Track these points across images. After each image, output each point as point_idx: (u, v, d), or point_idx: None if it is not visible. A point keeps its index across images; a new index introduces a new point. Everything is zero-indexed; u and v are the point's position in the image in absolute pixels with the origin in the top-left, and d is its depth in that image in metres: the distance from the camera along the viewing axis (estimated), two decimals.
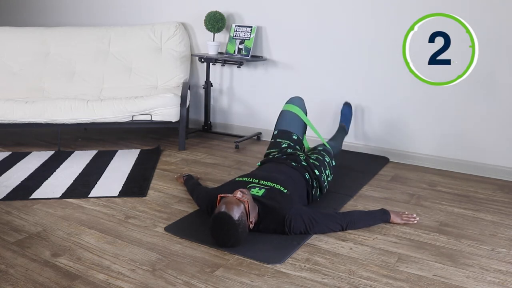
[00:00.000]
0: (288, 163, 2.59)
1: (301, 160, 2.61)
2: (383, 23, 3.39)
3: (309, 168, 2.58)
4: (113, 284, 1.82)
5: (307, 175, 2.53)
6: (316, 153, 2.78)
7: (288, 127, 2.84)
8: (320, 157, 2.73)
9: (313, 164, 2.64)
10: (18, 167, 3.15)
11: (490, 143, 3.18)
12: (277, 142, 2.80)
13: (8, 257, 2.00)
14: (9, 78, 4.05)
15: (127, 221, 2.39)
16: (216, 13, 3.87)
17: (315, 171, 2.59)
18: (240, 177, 2.49)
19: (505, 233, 2.34)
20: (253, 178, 2.41)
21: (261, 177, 2.41)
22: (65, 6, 4.89)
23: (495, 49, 3.05)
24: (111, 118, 3.48)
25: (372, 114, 3.56)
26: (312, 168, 2.59)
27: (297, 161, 2.61)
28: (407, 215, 2.44)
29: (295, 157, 2.64)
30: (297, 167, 2.56)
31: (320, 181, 2.59)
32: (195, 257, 2.04)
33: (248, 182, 2.38)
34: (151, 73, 4.11)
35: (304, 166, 2.58)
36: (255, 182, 2.37)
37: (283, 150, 2.75)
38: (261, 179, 2.38)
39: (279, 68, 3.89)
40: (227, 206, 2.04)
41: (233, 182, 2.46)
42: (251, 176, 2.44)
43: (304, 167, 2.58)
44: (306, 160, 2.65)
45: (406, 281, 1.88)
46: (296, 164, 2.59)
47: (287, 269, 1.95)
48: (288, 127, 2.83)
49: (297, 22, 3.73)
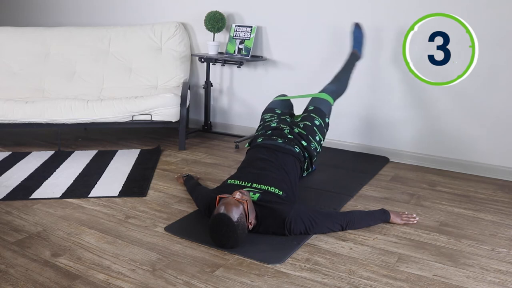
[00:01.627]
0: (274, 145, 2.54)
1: (286, 135, 2.59)
2: (383, 23, 3.38)
3: (297, 141, 2.56)
4: (113, 284, 1.82)
5: (297, 148, 2.52)
6: (305, 118, 2.75)
7: (270, 106, 3.02)
8: (308, 122, 2.70)
9: (300, 134, 2.62)
10: (18, 167, 3.15)
11: (490, 143, 3.18)
12: (262, 118, 2.90)
13: (8, 257, 2.00)
14: (9, 78, 4.05)
15: (127, 221, 2.39)
16: (216, 13, 3.87)
17: (302, 142, 2.57)
18: (231, 179, 2.42)
19: (505, 233, 2.34)
20: (246, 181, 2.34)
21: (253, 179, 2.33)
22: (65, 6, 4.89)
23: (495, 49, 3.05)
24: (111, 118, 3.48)
25: (372, 114, 3.56)
26: (299, 139, 2.58)
27: (282, 136, 2.59)
28: (407, 215, 2.44)
29: (280, 132, 2.62)
30: (284, 147, 2.53)
31: (309, 151, 2.58)
32: (195, 257, 2.04)
33: (241, 186, 2.31)
34: (151, 73, 4.11)
35: (291, 140, 2.56)
36: (248, 186, 2.31)
37: (267, 124, 2.78)
38: (254, 182, 2.31)
39: (279, 68, 3.89)
40: (226, 207, 2.03)
41: (225, 186, 2.39)
42: (243, 179, 2.37)
43: (291, 140, 2.56)
44: (291, 132, 2.62)
45: (406, 281, 1.88)
46: (283, 140, 2.56)
47: (287, 269, 1.95)
48: (270, 106, 3.02)
49: (297, 22, 3.73)
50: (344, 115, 3.62)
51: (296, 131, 2.64)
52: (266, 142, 2.63)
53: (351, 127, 3.63)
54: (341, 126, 3.65)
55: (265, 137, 2.67)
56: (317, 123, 2.71)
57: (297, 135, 2.61)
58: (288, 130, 2.63)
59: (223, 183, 2.46)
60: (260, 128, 2.84)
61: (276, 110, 2.91)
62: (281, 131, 2.63)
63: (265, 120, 2.86)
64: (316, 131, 2.67)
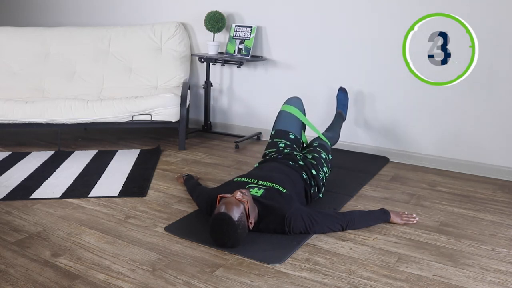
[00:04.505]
0: (285, 163, 2.59)
1: (298, 160, 2.62)
2: (383, 23, 3.38)
3: (306, 168, 2.58)
4: (113, 284, 1.82)
5: (304, 174, 2.54)
6: (312, 151, 2.78)
7: (285, 126, 2.84)
8: (316, 154, 2.73)
9: (310, 163, 2.64)
10: (18, 167, 3.15)
11: (490, 143, 3.18)
12: (274, 142, 2.80)
13: (8, 257, 2.00)
14: (9, 78, 4.05)
15: (127, 221, 2.39)
16: (216, 13, 3.87)
17: (312, 170, 2.59)
18: (238, 177, 2.49)
19: (505, 233, 2.34)
20: (252, 178, 2.40)
21: (260, 177, 2.40)
22: (65, 6, 4.89)
23: (495, 49, 3.05)
24: (111, 118, 3.48)
25: (372, 114, 3.56)
26: (310, 167, 2.60)
27: (294, 160, 2.61)
28: (407, 215, 2.44)
29: (292, 157, 2.64)
30: (294, 166, 2.56)
31: (317, 180, 2.59)
32: (195, 257, 2.04)
33: (246, 182, 2.38)
34: (151, 73, 4.11)
35: (301, 166, 2.58)
36: (254, 183, 2.36)
37: (280, 150, 2.74)
38: (260, 179, 2.37)
39: (279, 68, 3.89)
40: (226, 207, 2.03)
41: (231, 183, 2.45)
42: (250, 176, 2.44)
43: (301, 166, 2.58)
44: (303, 159, 2.65)
45: (406, 281, 1.88)
46: (294, 163, 2.59)
47: (287, 269, 1.95)
48: (285, 127, 2.84)
49: (297, 22, 3.73)
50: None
51: (307, 160, 2.66)
52: (276, 159, 2.67)
53: (351, 127, 3.63)
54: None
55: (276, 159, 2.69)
56: (323, 156, 2.76)
57: (308, 162, 2.63)
58: (300, 156, 2.67)
59: (230, 181, 2.51)
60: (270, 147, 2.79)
61: (290, 135, 2.80)
62: (293, 156, 2.66)
63: (277, 143, 2.78)
64: (324, 163, 2.72)
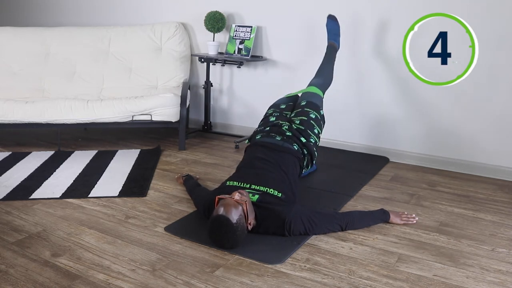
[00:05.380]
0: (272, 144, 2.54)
1: (284, 132, 2.60)
2: (383, 23, 3.38)
3: (295, 138, 2.57)
4: (113, 284, 1.82)
5: (295, 146, 2.52)
6: (300, 113, 2.76)
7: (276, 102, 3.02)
8: (304, 117, 2.71)
9: (298, 130, 2.63)
10: (18, 167, 3.15)
11: (490, 143, 3.18)
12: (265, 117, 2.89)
13: (8, 257, 2.00)
14: (9, 78, 4.05)
15: (127, 221, 2.39)
16: (216, 13, 3.87)
17: (302, 138, 2.57)
18: (230, 180, 2.40)
19: (505, 233, 2.34)
20: (244, 183, 2.32)
21: (252, 180, 2.31)
22: (65, 6, 4.89)
23: (495, 49, 3.05)
24: (111, 118, 3.48)
25: (372, 114, 3.56)
26: (298, 136, 2.58)
27: (281, 133, 2.60)
28: (406, 215, 2.43)
29: (278, 129, 2.62)
30: (282, 143, 2.54)
31: (309, 147, 2.58)
32: (195, 257, 2.04)
33: (239, 187, 2.29)
34: (151, 73, 4.11)
35: (289, 137, 2.57)
36: (247, 188, 2.29)
37: (267, 118, 2.81)
38: (252, 184, 2.29)
39: (279, 68, 3.89)
40: (225, 209, 2.02)
41: (224, 187, 2.37)
42: (242, 180, 2.35)
43: (290, 137, 2.57)
44: (290, 129, 2.63)
45: (406, 281, 1.88)
46: (281, 137, 2.57)
47: (287, 269, 1.95)
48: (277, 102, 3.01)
49: (297, 22, 3.73)
50: (344, 115, 3.62)
51: (294, 128, 2.65)
52: (264, 140, 2.62)
53: (351, 127, 3.63)
54: (341, 126, 3.65)
55: (263, 134, 2.67)
56: (312, 116, 2.72)
57: (295, 131, 2.61)
58: (286, 127, 2.64)
59: (222, 184, 2.45)
60: (260, 122, 2.86)
61: (281, 105, 2.92)
62: (279, 128, 2.64)
63: (266, 114, 2.91)
64: (314, 124, 2.68)
